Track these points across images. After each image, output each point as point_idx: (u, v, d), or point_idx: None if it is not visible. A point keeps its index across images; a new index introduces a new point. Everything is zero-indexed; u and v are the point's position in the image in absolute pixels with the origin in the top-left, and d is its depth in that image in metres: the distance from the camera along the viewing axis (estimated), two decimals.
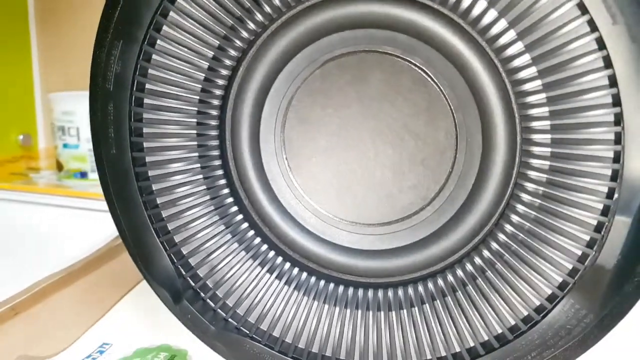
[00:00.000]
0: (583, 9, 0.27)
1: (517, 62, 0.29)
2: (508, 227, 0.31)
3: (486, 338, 0.32)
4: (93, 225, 0.61)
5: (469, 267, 0.32)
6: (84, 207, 0.63)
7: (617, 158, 0.28)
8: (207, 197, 0.35)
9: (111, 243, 0.57)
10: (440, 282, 0.33)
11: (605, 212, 0.29)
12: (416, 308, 0.33)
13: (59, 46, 0.79)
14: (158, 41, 0.32)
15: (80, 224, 0.62)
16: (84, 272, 0.52)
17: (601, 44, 0.27)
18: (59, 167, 0.72)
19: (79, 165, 0.72)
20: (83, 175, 0.72)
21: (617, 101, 0.27)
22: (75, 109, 0.70)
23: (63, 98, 0.71)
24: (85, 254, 0.53)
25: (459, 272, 0.33)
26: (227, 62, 0.33)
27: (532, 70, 0.29)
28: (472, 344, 0.32)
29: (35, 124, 0.78)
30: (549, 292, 0.30)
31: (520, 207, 0.31)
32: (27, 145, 0.78)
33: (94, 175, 0.73)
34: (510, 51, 0.29)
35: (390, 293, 0.34)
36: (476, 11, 0.30)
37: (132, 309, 0.46)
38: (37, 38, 0.79)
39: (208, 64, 0.33)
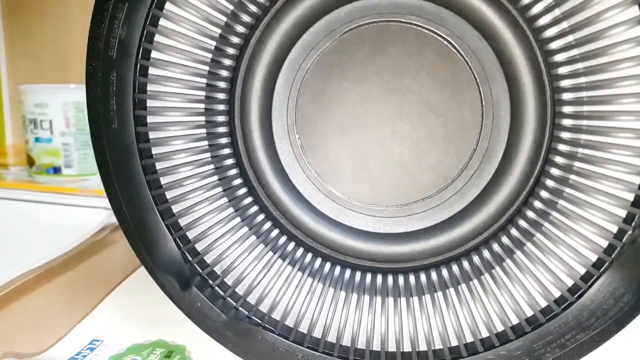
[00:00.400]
0: None
1: (551, 32, 0.28)
2: (538, 205, 0.30)
3: (516, 321, 0.30)
4: (69, 221, 0.57)
5: (496, 248, 0.31)
6: (58, 202, 0.59)
7: None
8: (215, 178, 0.32)
9: (91, 239, 0.53)
10: (465, 264, 0.31)
11: None
12: (440, 293, 0.31)
13: (28, 38, 0.75)
14: (166, 4, 0.30)
15: (55, 220, 0.58)
16: (65, 268, 0.48)
17: None
18: (30, 162, 0.68)
19: (52, 160, 0.67)
20: (56, 170, 0.68)
21: None
22: (48, 101, 0.66)
23: (35, 90, 0.66)
24: (64, 249, 0.49)
25: (486, 254, 0.31)
26: (240, 29, 0.31)
27: (568, 39, 0.28)
28: (501, 328, 0.30)
29: (3, 118, 0.73)
30: (584, 271, 0.29)
31: (550, 183, 0.30)
32: None
33: (68, 171, 0.69)
34: (544, 20, 0.28)
35: (411, 278, 0.32)
36: None
37: (120, 305, 0.42)
38: (4, 29, 0.75)
39: (220, 31, 0.30)
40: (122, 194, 0.31)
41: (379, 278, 0.32)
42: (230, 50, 0.31)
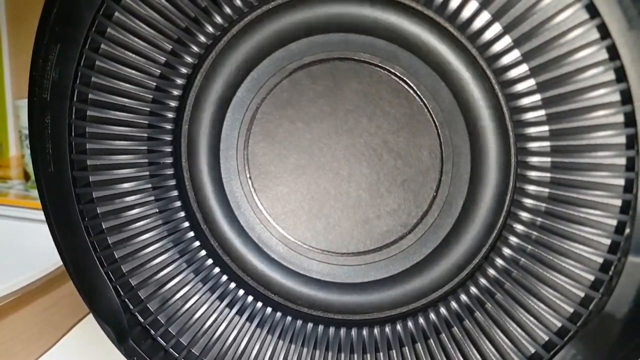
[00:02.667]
0: (593, 11, 0.23)
1: (512, 73, 0.25)
2: (499, 262, 0.27)
3: None
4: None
5: (454, 305, 0.28)
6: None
7: (630, 187, 0.24)
8: (160, 222, 0.31)
9: None
10: (421, 321, 0.29)
11: (613, 249, 0.24)
12: (394, 351, 0.29)
13: (31, 51, 0.75)
14: (102, 45, 0.28)
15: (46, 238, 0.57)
16: (42, 292, 0.47)
17: (613, 54, 0.23)
18: (27, 176, 0.68)
19: None
20: None
21: (630, 121, 0.23)
22: None
23: None
24: (40, 273, 0.48)
25: (443, 311, 0.29)
26: (182, 69, 0.29)
27: (530, 83, 0.25)
28: None
29: (7, 130, 0.74)
30: (546, 338, 0.26)
31: (513, 240, 0.27)
32: None
33: None
34: (505, 60, 0.25)
35: (365, 332, 0.30)
36: (466, 13, 0.26)
37: (92, 332, 0.41)
38: (8, 43, 0.75)
39: (160, 71, 0.29)
40: (61, 240, 0.30)
41: (332, 330, 0.30)
42: (174, 91, 0.29)
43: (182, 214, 0.31)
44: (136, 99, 0.29)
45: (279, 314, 0.31)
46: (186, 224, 0.31)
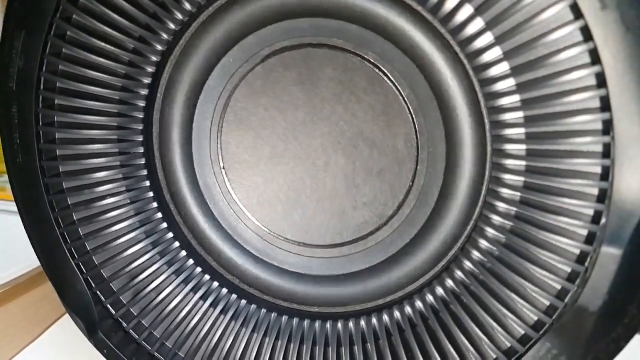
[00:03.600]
0: None
1: (486, 57, 0.24)
2: (475, 254, 0.26)
3: None
4: None
5: (430, 298, 0.28)
6: None
7: (606, 175, 0.23)
8: (132, 212, 0.30)
9: None
10: (397, 314, 0.28)
11: (590, 240, 0.23)
12: (369, 345, 0.28)
13: None
14: (68, 32, 0.28)
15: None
16: (29, 287, 0.47)
17: (587, 35, 0.22)
18: None
19: None
20: None
21: (606, 105, 0.22)
22: None
23: None
24: (29, 267, 0.48)
25: (419, 304, 0.28)
26: (152, 56, 0.28)
27: (504, 67, 0.24)
28: None
29: None
30: (522, 332, 0.25)
31: (489, 231, 0.26)
32: None
33: None
34: (478, 44, 0.24)
35: (340, 325, 0.29)
36: None
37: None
38: None
39: (128, 58, 0.28)
40: (32, 232, 0.29)
41: (307, 323, 0.30)
42: (144, 79, 0.29)
43: (155, 204, 0.30)
44: (105, 87, 0.28)
45: (253, 307, 0.30)
46: (159, 215, 0.30)
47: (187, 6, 0.27)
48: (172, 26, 0.28)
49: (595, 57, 0.22)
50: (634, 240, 0.22)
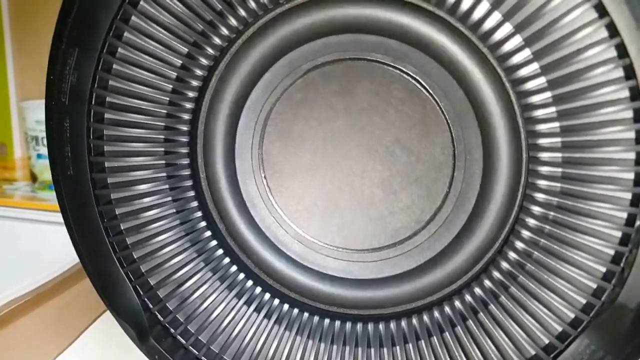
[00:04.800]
0: (602, 10, 0.23)
1: (523, 72, 0.26)
2: (512, 255, 0.28)
3: None
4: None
5: (468, 298, 0.29)
6: (57, 222, 0.59)
7: (639, 181, 0.24)
8: (177, 222, 0.31)
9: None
10: (436, 315, 0.30)
11: (624, 241, 0.25)
12: (410, 345, 0.30)
13: (36, 51, 0.75)
14: (119, 49, 0.29)
15: (53, 239, 0.58)
16: (54, 293, 0.48)
17: (622, 52, 0.23)
18: (34, 178, 0.69)
19: None
20: None
21: (639, 116, 0.24)
22: None
23: (36, 106, 0.66)
24: (53, 274, 0.49)
25: (458, 305, 0.29)
26: (198, 71, 0.29)
27: (540, 81, 0.26)
28: None
29: (11, 132, 0.74)
30: (560, 329, 0.27)
31: (526, 233, 0.28)
32: (2, 154, 0.74)
33: None
34: (516, 59, 0.26)
35: (381, 327, 0.31)
36: (477, 14, 0.26)
37: (107, 332, 0.42)
38: (12, 42, 0.75)
39: (176, 74, 0.29)
40: (80, 241, 0.30)
41: (348, 325, 0.31)
42: (190, 93, 0.30)
43: (199, 213, 0.31)
44: (153, 102, 0.29)
45: (296, 311, 0.31)
46: (203, 224, 0.31)
47: (234, 22, 0.28)
48: (218, 42, 0.29)
49: (629, 73, 0.24)
50: None
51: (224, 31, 0.29)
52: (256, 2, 0.28)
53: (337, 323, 0.31)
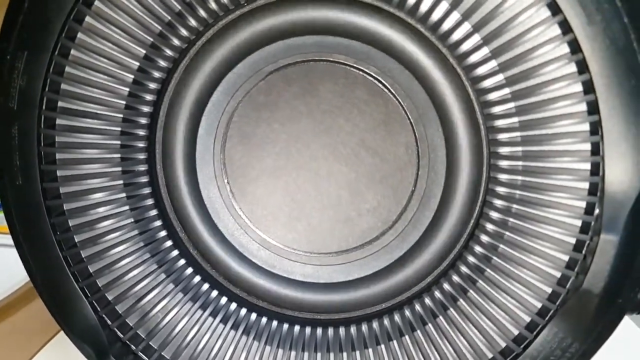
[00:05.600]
0: (555, 8, 0.25)
1: (482, 70, 0.27)
2: (479, 250, 0.28)
3: None
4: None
5: (438, 295, 0.29)
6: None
7: (596, 170, 0.26)
8: (136, 232, 0.30)
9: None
10: (407, 314, 0.30)
11: (585, 229, 0.26)
12: (382, 346, 0.29)
13: None
14: (72, 51, 0.27)
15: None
16: (5, 314, 0.44)
17: (575, 47, 0.25)
18: None
19: None
20: None
21: (593, 109, 0.25)
22: None
23: None
24: (5, 293, 0.45)
25: (428, 302, 0.29)
26: (156, 74, 0.28)
27: (499, 78, 0.27)
28: None
29: None
30: (528, 319, 0.27)
31: (490, 227, 0.28)
32: None
33: None
34: (474, 58, 0.27)
35: (352, 330, 0.30)
36: (437, 15, 0.27)
37: (61, 355, 0.39)
38: None
39: (133, 76, 0.28)
40: (31, 257, 0.28)
41: (319, 331, 0.30)
42: (147, 97, 0.29)
43: (159, 222, 0.30)
44: (108, 106, 0.28)
45: (264, 319, 0.31)
46: (163, 233, 0.30)
47: (194, 23, 0.28)
48: (177, 43, 0.28)
49: (582, 67, 0.25)
50: (627, 227, 0.25)
51: (183, 32, 0.28)
52: (216, 2, 0.28)
53: (308, 329, 0.30)
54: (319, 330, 0.30)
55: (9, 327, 0.42)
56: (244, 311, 0.31)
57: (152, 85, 0.29)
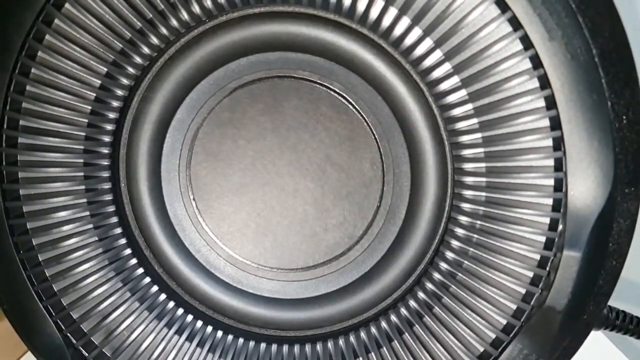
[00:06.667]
0: (516, 24, 0.24)
1: (445, 85, 0.27)
2: (444, 266, 0.28)
3: None
4: None
5: (404, 312, 0.29)
6: None
7: (559, 186, 0.25)
8: (100, 250, 0.29)
9: None
10: (373, 331, 0.29)
11: (549, 246, 0.26)
12: None
13: None
14: (32, 69, 0.27)
15: None
16: None
17: (537, 62, 0.24)
18: None
19: None
20: None
21: (556, 124, 0.25)
22: None
23: None
24: None
25: (394, 319, 0.29)
26: (118, 91, 0.28)
27: (461, 94, 0.26)
28: None
29: None
30: (493, 336, 0.27)
31: (455, 243, 0.28)
32: None
33: None
34: (437, 73, 0.27)
35: (319, 347, 0.30)
36: (398, 30, 0.27)
37: None
38: None
39: (95, 94, 0.28)
40: None
41: (285, 348, 0.30)
42: (110, 114, 0.29)
43: (124, 240, 0.30)
44: (70, 124, 0.28)
45: (230, 337, 0.30)
46: (128, 251, 0.30)
47: (155, 41, 0.28)
48: (139, 61, 0.28)
49: (544, 82, 0.25)
50: (590, 243, 0.25)
51: (145, 50, 0.28)
52: (178, 19, 0.27)
53: (274, 347, 0.30)
54: (285, 348, 0.30)
55: None
56: (209, 328, 0.30)
57: (115, 103, 0.28)
